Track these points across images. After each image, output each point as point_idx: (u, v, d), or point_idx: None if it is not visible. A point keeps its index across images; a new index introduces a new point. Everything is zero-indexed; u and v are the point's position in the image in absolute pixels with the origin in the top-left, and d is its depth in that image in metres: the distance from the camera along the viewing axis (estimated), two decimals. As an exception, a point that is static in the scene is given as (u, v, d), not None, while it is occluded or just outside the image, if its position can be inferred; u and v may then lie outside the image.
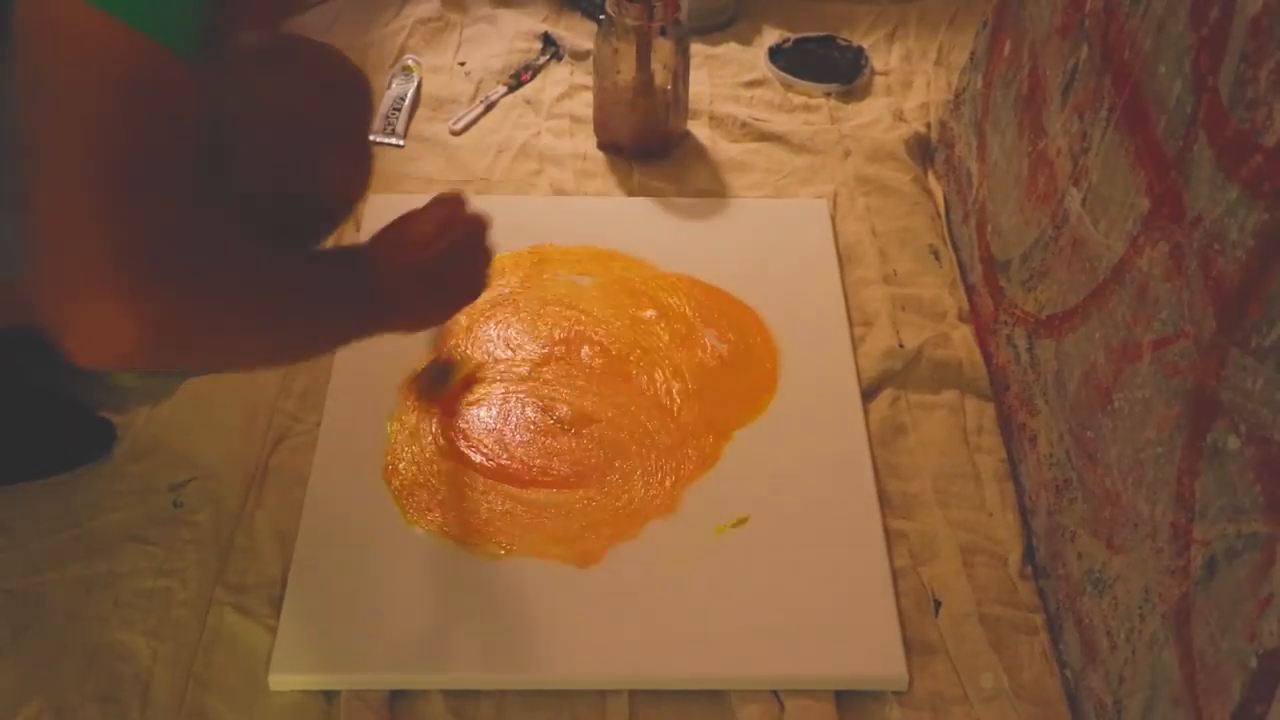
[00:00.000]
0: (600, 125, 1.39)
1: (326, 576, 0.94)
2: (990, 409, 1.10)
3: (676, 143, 1.39)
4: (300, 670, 0.89)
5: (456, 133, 1.42)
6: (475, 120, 1.43)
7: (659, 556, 0.96)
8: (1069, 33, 1.00)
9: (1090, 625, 0.86)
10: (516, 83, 1.49)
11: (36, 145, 0.63)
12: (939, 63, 1.53)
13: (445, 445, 1.04)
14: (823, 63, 1.51)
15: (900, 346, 1.14)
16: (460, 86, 1.48)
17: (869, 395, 1.11)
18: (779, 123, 1.44)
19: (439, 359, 1.06)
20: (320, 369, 1.11)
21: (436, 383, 1.06)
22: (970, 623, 0.93)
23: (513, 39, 1.56)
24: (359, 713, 0.86)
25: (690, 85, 1.38)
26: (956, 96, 1.34)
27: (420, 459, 1.03)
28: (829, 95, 1.48)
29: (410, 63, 1.51)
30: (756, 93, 1.49)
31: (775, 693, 0.88)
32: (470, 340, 1.13)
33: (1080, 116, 0.95)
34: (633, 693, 0.89)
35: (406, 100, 1.44)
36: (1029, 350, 1.03)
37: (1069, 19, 1.01)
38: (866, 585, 0.94)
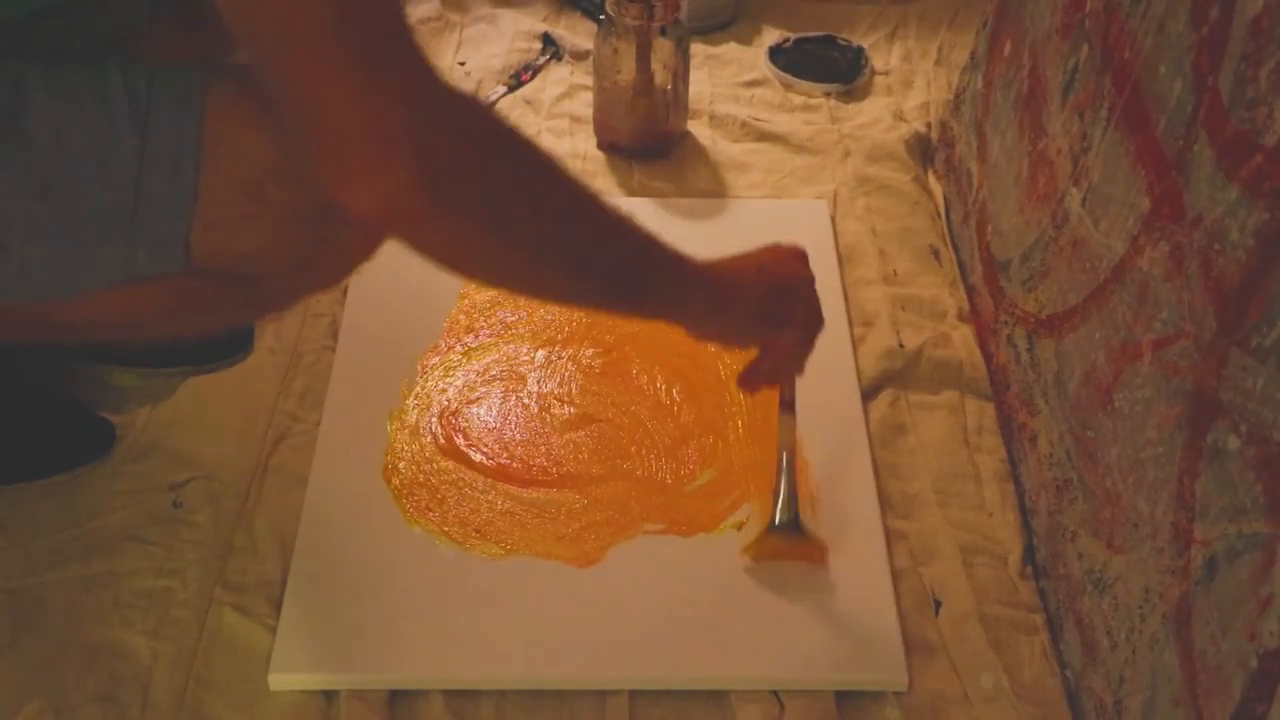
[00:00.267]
0: (600, 125, 1.39)
1: (326, 576, 0.94)
2: (990, 409, 1.09)
3: (676, 143, 1.39)
4: (300, 670, 0.88)
5: (457, 132, 1.42)
6: (475, 120, 1.44)
7: (659, 556, 0.96)
8: (1069, 33, 1.00)
9: (1090, 625, 0.86)
10: (516, 83, 1.49)
11: (283, 16, 0.64)
12: (939, 63, 1.53)
13: (445, 445, 1.04)
14: (823, 63, 1.51)
15: (900, 346, 1.14)
16: (460, 86, 1.48)
17: (869, 395, 1.10)
18: (779, 123, 1.44)
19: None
20: (320, 369, 1.11)
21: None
22: (970, 623, 0.93)
23: (513, 39, 1.56)
24: (359, 713, 0.86)
25: (690, 85, 1.38)
26: (957, 96, 1.34)
27: (420, 458, 1.03)
28: (829, 95, 1.48)
29: (410, 63, 1.51)
30: (756, 93, 1.48)
31: (775, 693, 0.88)
32: (470, 340, 1.13)
33: (1080, 116, 0.95)
34: (633, 693, 0.89)
35: (407, 100, 1.44)
36: (1029, 350, 1.03)
37: (1069, 19, 1.01)
38: (866, 585, 0.94)
